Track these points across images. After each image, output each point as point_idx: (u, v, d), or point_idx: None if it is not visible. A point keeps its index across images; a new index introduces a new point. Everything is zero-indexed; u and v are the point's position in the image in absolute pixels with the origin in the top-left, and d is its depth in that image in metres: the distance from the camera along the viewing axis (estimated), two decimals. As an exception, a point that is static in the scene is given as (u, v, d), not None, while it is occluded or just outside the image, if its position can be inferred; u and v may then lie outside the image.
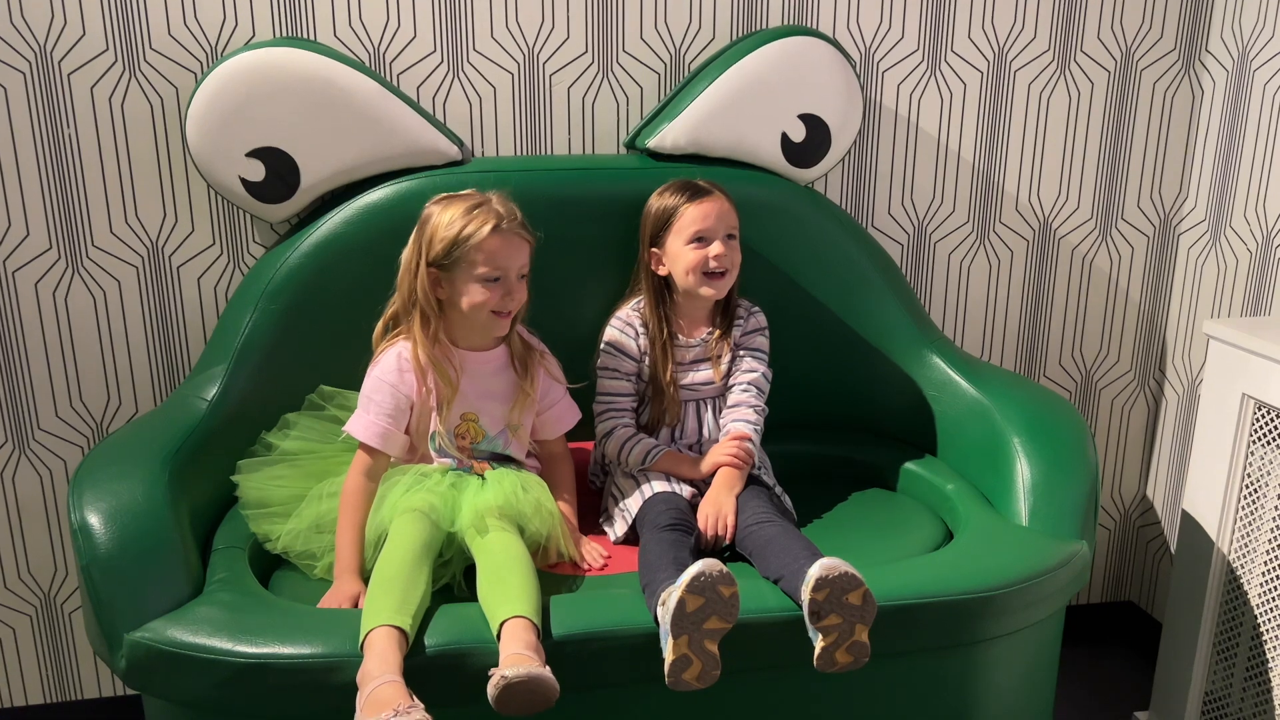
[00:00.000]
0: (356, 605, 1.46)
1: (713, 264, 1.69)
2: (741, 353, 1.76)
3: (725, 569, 1.33)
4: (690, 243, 1.69)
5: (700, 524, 1.60)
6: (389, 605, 1.34)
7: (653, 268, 1.74)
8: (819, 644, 1.35)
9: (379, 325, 1.62)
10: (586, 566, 1.59)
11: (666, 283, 1.75)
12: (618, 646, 1.39)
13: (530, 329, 1.70)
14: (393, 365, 1.59)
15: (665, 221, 1.71)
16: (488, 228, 1.54)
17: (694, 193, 1.71)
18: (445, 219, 1.55)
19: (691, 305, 1.75)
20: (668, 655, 1.33)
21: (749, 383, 1.75)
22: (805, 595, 1.35)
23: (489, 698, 1.26)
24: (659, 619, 1.37)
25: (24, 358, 1.89)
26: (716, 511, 1.61)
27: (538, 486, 1.59)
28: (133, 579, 1.40)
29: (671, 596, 1.33)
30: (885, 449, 1.91)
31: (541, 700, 1.27)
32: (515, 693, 1.26)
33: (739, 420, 1.72)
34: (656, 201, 1.74)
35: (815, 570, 1.34)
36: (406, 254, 1.59)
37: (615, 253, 1.81)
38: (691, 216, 1.69)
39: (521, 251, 1.58)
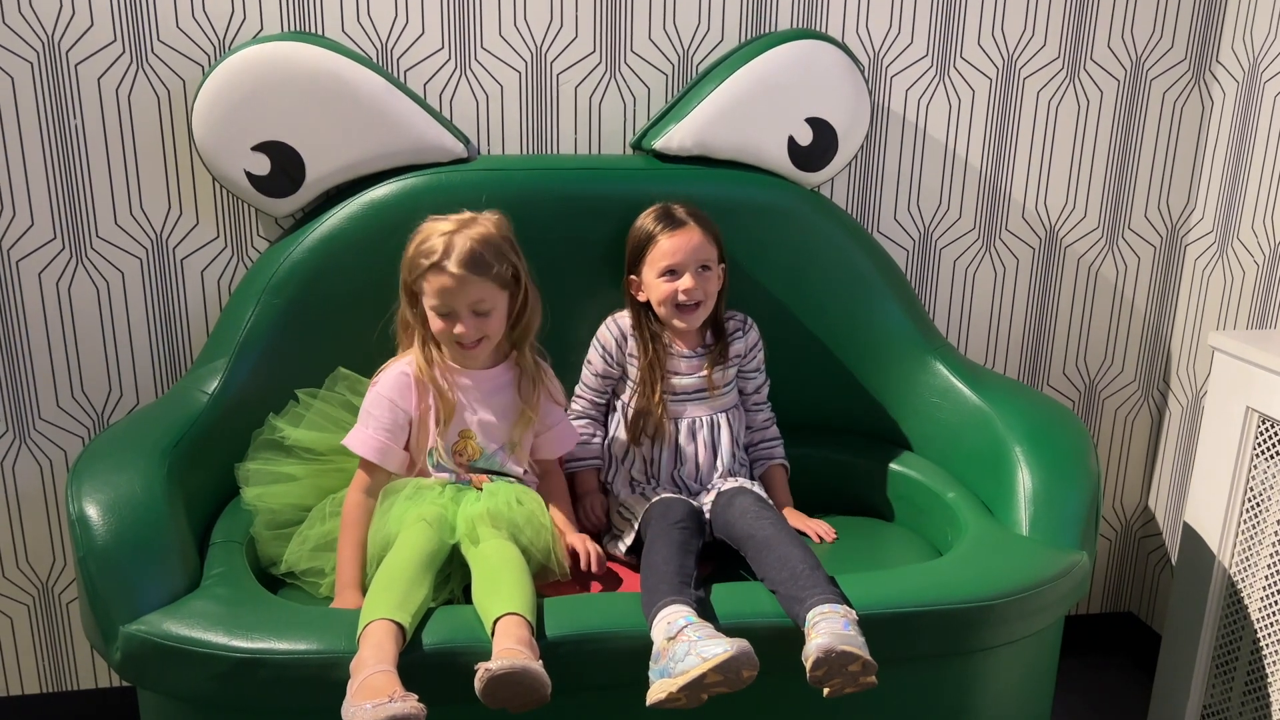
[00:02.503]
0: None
1: (682, 297, 1.69)
2: (753, 373, 1.82)
3: (754, 655, 1.31)
4: (661, 275, 1.70)
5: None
6: (390, 601, 1.34)
7: (632, 293, 1.75)
8: (825, 691, 1.35)
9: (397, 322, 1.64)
10: (583, 558, 1.57)
11: (649, 306, 1.75)
12: (612, 649, 1.39)
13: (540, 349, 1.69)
14: (393, 381, 1.59)
15: (641, 251, 1.72)
16: (428, 262, 1.53)
17: (669, 224, 1.71)
18: (414, 243, 1.56)
19: (674, 327, 1.76)
20: (659, 695, 1.31)
21: (767, 400, 1.84)
22: (806, 666, 1.33)
23: (476, 691, 1.26)
24: (655, 634, 1.36)
25: (26, 347, 1.89)
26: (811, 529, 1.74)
27: (533, 500, 1.59)
28: (129, 571, 1.40)
29: (688, 659, 1.29)
30: (886, 454, 1.91)
31: (529, 693, 1.27)
32: (500, 685, 1.25)
33: (773, 450, 1.83)
34: (637, 228, 1.74)
35: (813, 651, 1.32)
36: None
37: (620, 253, 1.80)
38: (663, 249, 1.69)
39: (466, 290, 1.53)
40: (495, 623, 1.34)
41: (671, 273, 1.69)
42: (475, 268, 1.53)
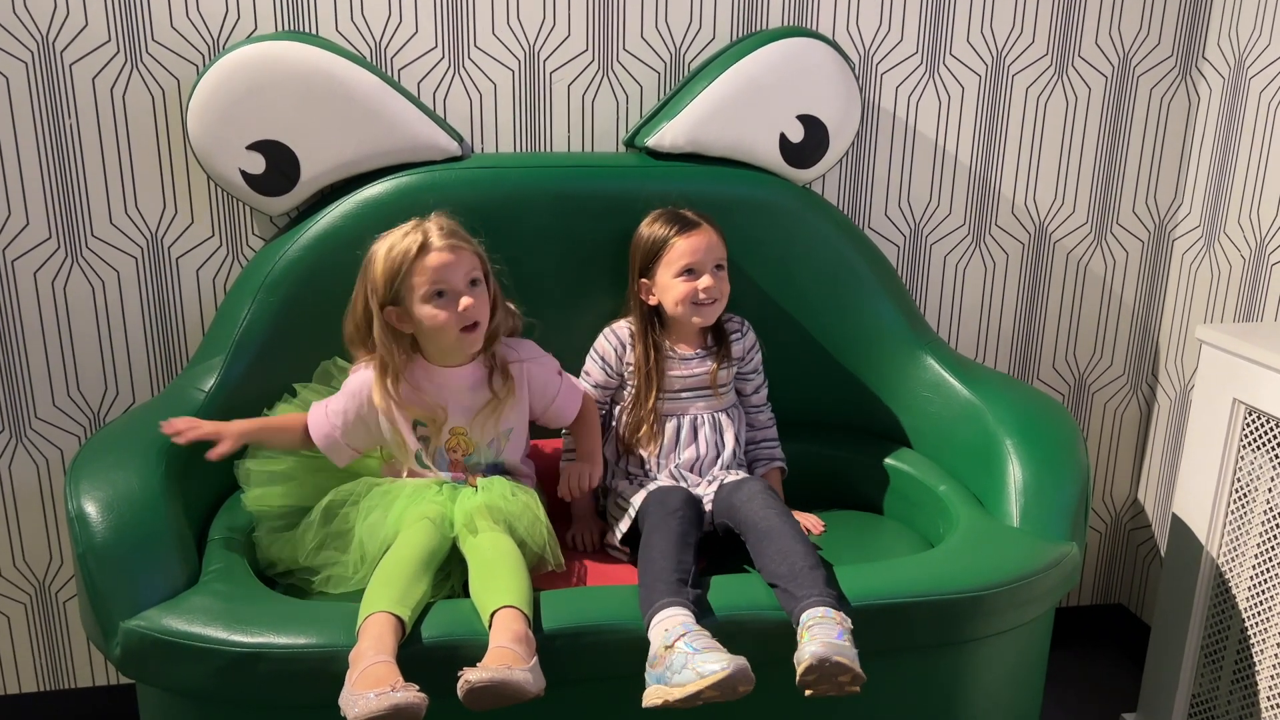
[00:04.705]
0: (209, 435, 1.54)
1: (701, 296, 1.71)
2: (751, 374, 1.84)
3: (750, 672, 1.32)
4: (679, 275, 1.71)
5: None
6: (390, 595, 1.35)
7: (642, 297, 1.76)
8: (807, 692, 1.37)
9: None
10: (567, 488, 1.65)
11: (657, 310, 1.77)
12: (608, 642, 1.40)
13: (514, 335, 1.70)
14: (355, 389, 1.61)
15: (654, 254, 1.73)
16: (415, 244, 1.54)
17: (683, 225, 1.73)
18: (380, 254, 1.57)
19: (683, 328, 1.78)
20: (654, 701, 1.33)
21: (767, 401, 1.86)
22: (797, 670, 1.35)
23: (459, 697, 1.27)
24: (652, 637, 1.37)
25: (22, 347, 1.90)
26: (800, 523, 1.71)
27: (526, 494, 1.61)
28: (129, 568, 1.41)
29: (685, 673, 1.30)
30: (878, 448, 1.92)
31: (512, 700, 1.27)
32: (480, 696, 1.26)
33: (773, 452, 1.85)
34: (646, 232, 1.76)
35: (806, 657, 1.33)
36: (355, 296, 1.60)
37: (613, 250, 1.82)
38: (680, 250, 1.71)
39: (460, 260, 1.55)
40: (492, 616, 1.35)
41: (689, 272, 1.71)
42: (460, 238, 1.57)
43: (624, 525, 1.67)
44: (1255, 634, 1.78)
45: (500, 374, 1.63)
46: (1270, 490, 1.74)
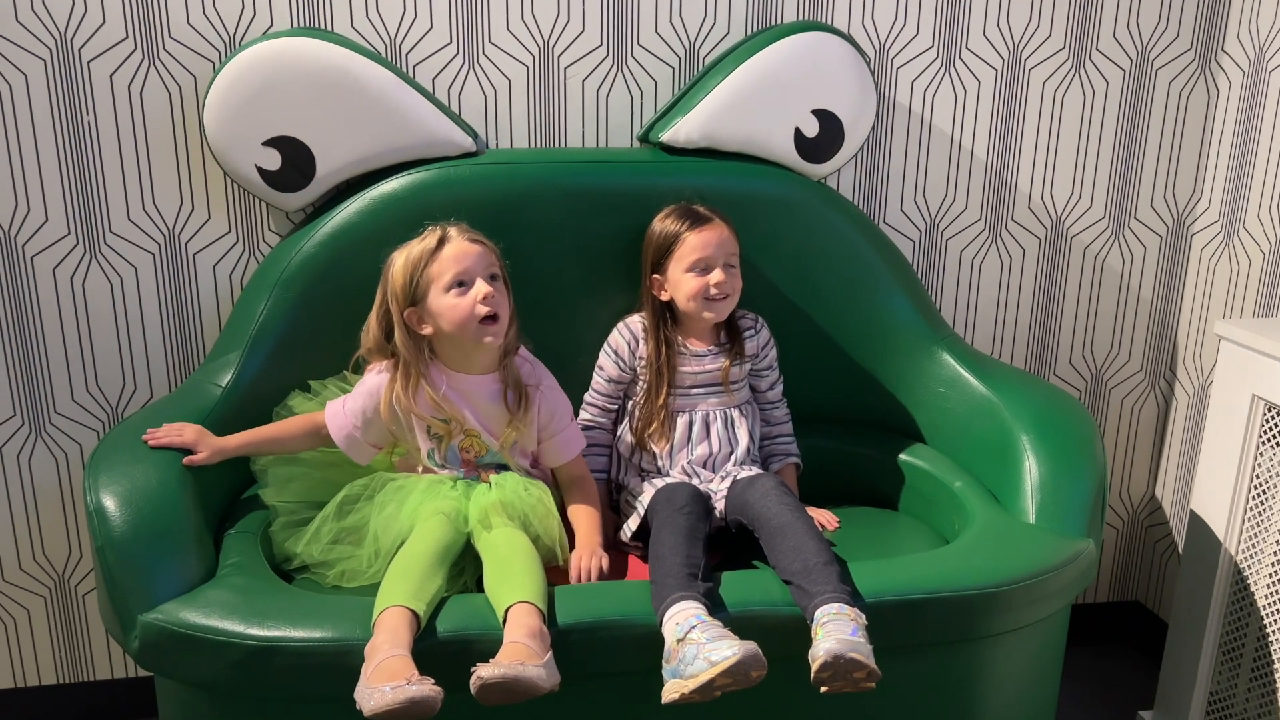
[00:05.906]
0: (191, 447, 1.56)
1: (713, 291, 1.71)
2: (766, 370, 1.83)
3: (762, 656, 1.32)
4: (691, 270, 1.71)
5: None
6: (405, 589, 1.36)
7: (654, 292, 1.76)
8: (823, 689, 1.37)
9: (356, 357, 1.67)
10: (574, 572, 1.55)
11: (669, 306, 1.77)
12: (623, 637, 1.41)
13: (529, 348, 1.70)
14: (373, 388, 1.62)
15: (666, 249, 1.74)
16: (434, 239, 1.58)
17: (694, 220, 1.73)
18: (399, 259, 1.60)
19: (695, 324, 1.77)
20: (672, 695, 1.33)
21: (782, 398, 1.86)
22: (812, 667, 1.35)
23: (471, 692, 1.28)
24: (665, 632, 1.37)
25: (41, 342, 1.91)
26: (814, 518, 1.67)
27: (540, 489, 1.61)
28: (147, 561, 1.42)
29: (697, 663, 1.31)
30: (893, 444, 1.92)
31: (524, 696, 1.28)
32: (492, 691, 1.27)
33: (788, 448, 1.85)
34: (658, 227, 1.76)
35: (821, 654, 1.33)
36: (374, 308, 1.62)
37: (627, 246, 1.82)
38: (692, 245, 1.71)
39: (481, 254, 1.58)
40: (507, 611, 1.36)
41: (701, 267, 1.71)
42: (477, 235, 1.60)
43: (633, 523, 1.68)
44: (1274, 631, 1.77)
45: (516, 391, 1.63)
46: (1289, 487, 1.72)
